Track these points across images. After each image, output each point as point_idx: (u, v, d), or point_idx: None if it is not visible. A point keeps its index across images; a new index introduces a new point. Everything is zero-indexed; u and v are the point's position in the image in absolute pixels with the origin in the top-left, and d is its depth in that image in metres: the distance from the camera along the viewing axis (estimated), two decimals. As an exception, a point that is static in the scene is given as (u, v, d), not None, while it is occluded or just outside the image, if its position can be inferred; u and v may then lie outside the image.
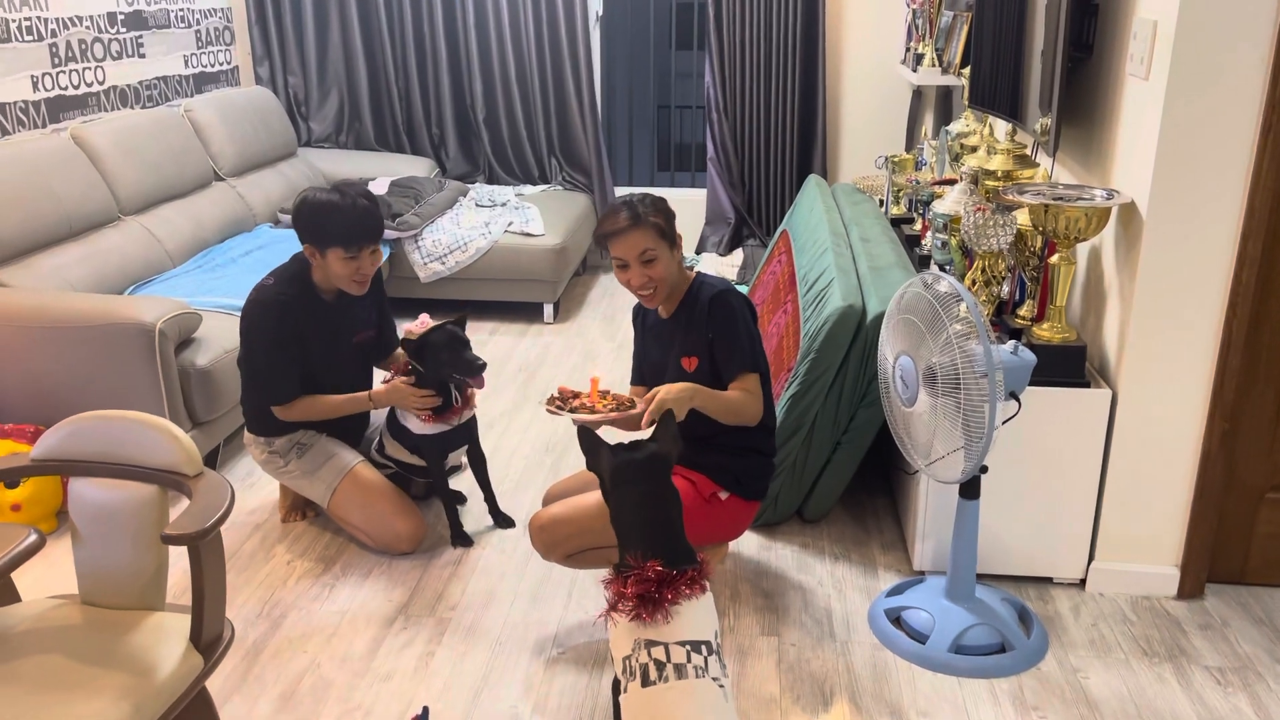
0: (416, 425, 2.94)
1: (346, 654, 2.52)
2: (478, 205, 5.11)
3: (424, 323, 2.89)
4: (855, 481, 3.26)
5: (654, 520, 1.95)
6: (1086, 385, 2.65)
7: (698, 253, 5.55)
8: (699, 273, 2.60)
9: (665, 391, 2.32)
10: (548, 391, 2.55)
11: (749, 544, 3.00)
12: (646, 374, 2.68)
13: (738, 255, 5.36)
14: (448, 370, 2.86)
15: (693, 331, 2.52)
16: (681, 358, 2.53)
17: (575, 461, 3.46)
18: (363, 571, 2.87)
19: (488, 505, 3.10)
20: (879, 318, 2.80)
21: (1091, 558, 2.77)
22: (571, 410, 2.44)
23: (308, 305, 2.87)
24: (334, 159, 5.55)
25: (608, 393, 2.53)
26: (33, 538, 1.59)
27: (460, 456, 3.09)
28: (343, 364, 2.96)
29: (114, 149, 4.05)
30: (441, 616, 2.67)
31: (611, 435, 2.32)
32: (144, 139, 4.23)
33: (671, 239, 2.48)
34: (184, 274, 4.00)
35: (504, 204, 5.12)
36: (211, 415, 3.30)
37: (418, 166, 5.49)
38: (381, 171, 5.30)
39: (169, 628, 1.85)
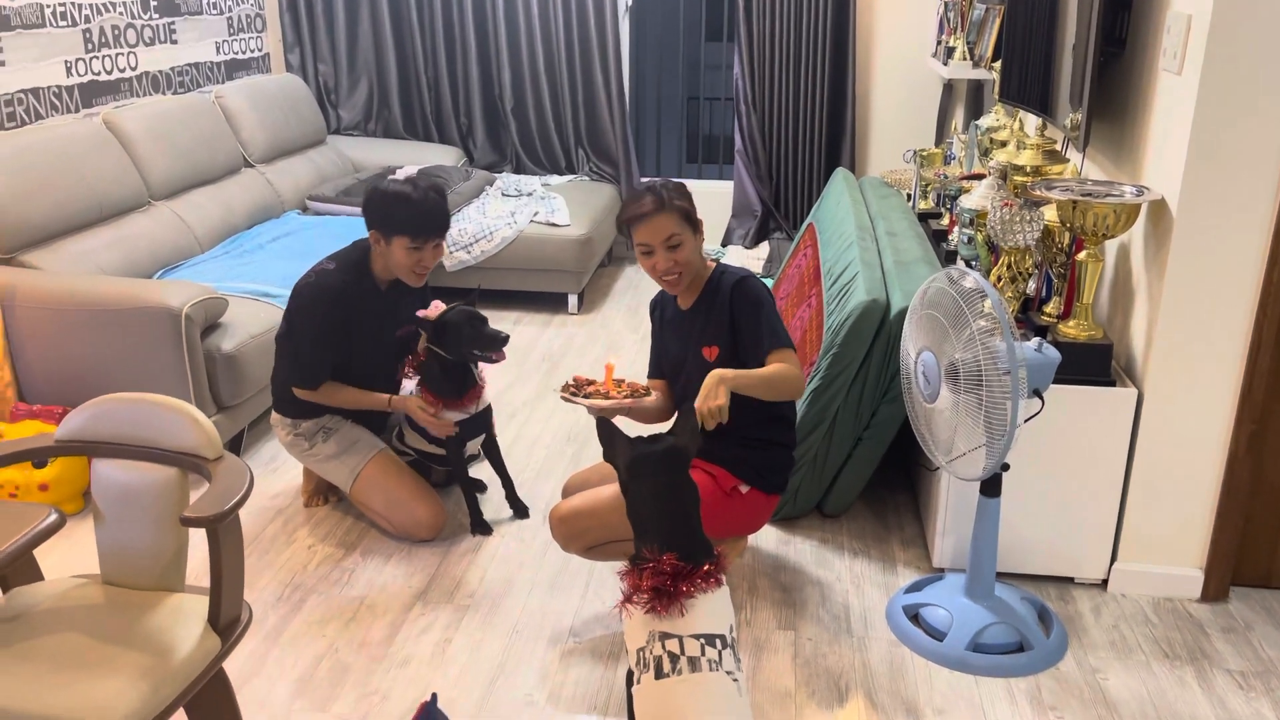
0: (446, 415, 2.94)
1: (365, 639, 2.54)
2: (504, 195, 5.12)
3: (437, 307, 2.89)
4: (876, 477, 3.24)
5: (670, 513, 1.95)
6: (1112, 384, 2.62)
7: (724, 245, 5.53)
8: (719, 262, 2.59)
9: (706, 399, 2.25)
10: (567, 381, 2.54)
11: (768, 538, 3.00)
12: (665, 368, 2.68)
13: (764, 248, 5.34)
14: (469, 347, 2.87)
15: (714, 319, 2.51)
16: (703, 347, 2.52)
17: (596, 452, 3.46)
18: (383, 557, 2.89)
19: (505, 493, 3.11)
20: (903, 312, 2.78)
21: (1114, 558, 2.74)
22: (585, 397, 2.44)
23: (363, 293, 2.90)
24: (363, 147, 5.57)
25: (623, 380, 2.53)
26: (53, 518, 1.60)
27: (477, 445, 3.10)
28: (381, 355, 2.98)
29: (145, 134, 4.09)
30: (459, 604, 2.68)
31: (632, 429, 2.31)
32: (175, 125, 4.27)
33: (695, 225, 2.47)
34: (212, 259, 4.03)
35: (530, 194, 5.13)
36: (236, 400, 3.33)
37: (445, 155, 5.51)
38: (409, 160, 5.32)
39: (188, 609, 1.87)
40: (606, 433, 2.07)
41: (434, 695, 1.79)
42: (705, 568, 1.86)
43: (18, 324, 3.22)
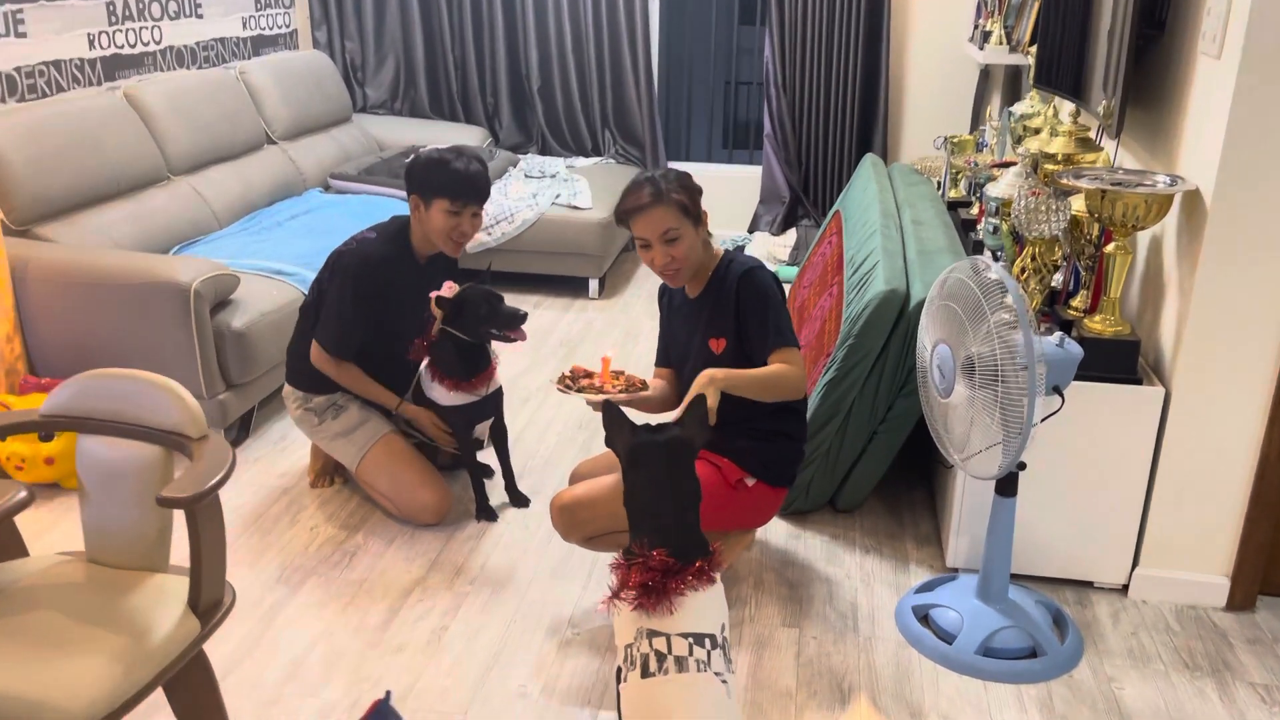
0: (442, 396, 2.90)
1: (360, 624, 2.50)
2: (526, 176, 5.06)
3: (450, 288, 2.84)
4: (892, 472, 3.15)
5: (666, 507, 1.88)
6: (1139, 382, 2.51)
7: (750, 231, 5.44)
8: (726, 250, 2.51)
9: (699, 385, 2.22)
10: (564, 372, 2.47)
11: (777, 531, 2.92)
12: (673, 356, 2.61)
13: (791, 235, 5.24)
14: (486, 326, 2.82)
15: (720, 311, 2.44)
16: (709, 339, 2.45)
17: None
18: (385, 540, 2.85)
19: (505, 481, 3.06)
20: (923, 303, 2.68)
21: (1136, 563, 2.64)
22: (579, 390, 2.38)
23: (401, 264, 2.88)
24: (388, 125, 5.53)
25: (621, 373, 2.46)
26: (22, 494, 1.57)
27: (485, 430, 3.04)
28: (410, 328, 2.93)
29: (166, 109, 4.07)
30: (459, 590, 2.63)
31: (639, 419, 2.25)
32: (197, 100, 4.25)
33: (696, 216, 2.39)
34: (229, 236, 4.01)
35: (553, 175, 5.06)
36: (246, 378, 3.30)
37: (471, 135, 5.45)
38: (434, 139, 5.27)
39: (169, 590, 1.83)
40: (612, 418, 2.00)
41: (388, 693, 1.73)
42: (697, 565, 1.80)
43: (30, 297, 3.21)
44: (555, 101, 5.54)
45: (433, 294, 2.84)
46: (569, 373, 2.44)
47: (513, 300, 4.75)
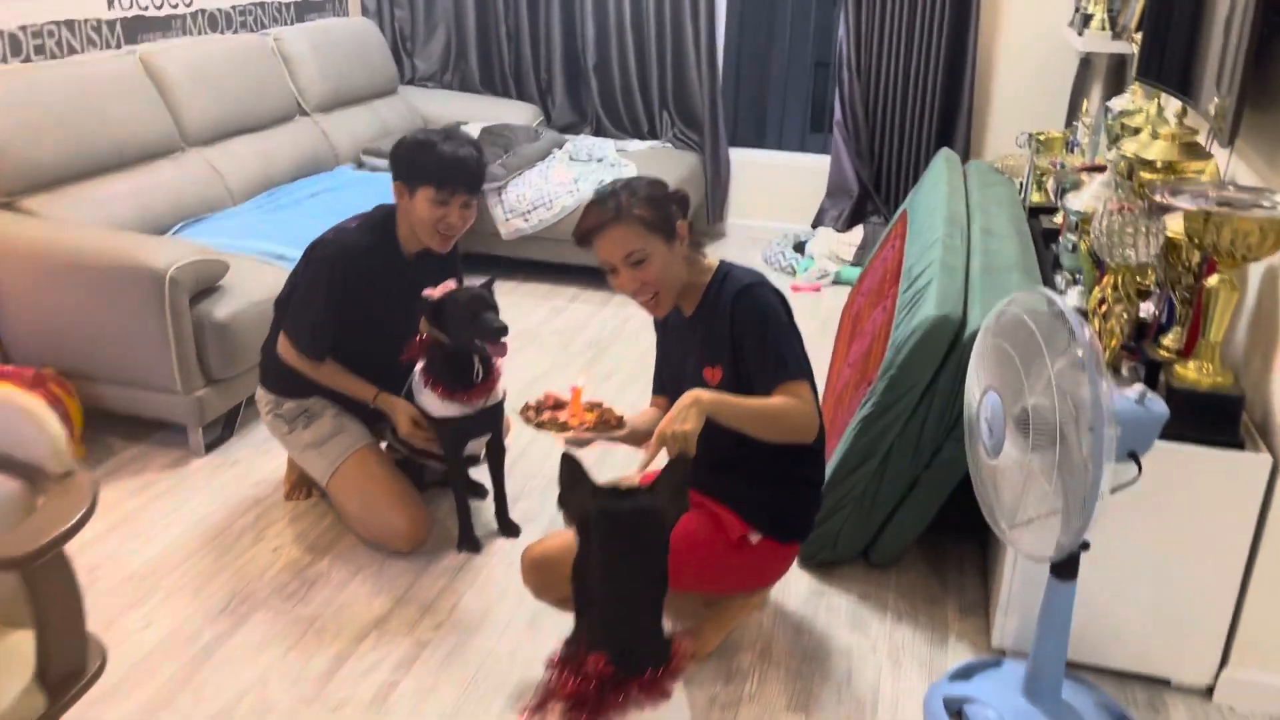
0: (434, 406, 2.57)
1: (301, 673, 2.19)
2: (571, 159, 4.70)
3: (446, 287, 2.51)
4: (938, 522, 2.72)
5: (619, 594, 1.51)
6: (1241, 447, 2.05)
7: (814, 226, 5.00)
8: (723, 261, 2.11)
9: (671, 422, 1.81)
10: (528, 401, 2.11)
11: (798, 584, 2.53)
12: (667, 382, 2.23)
13: (857, 233, 4.79)
14: (468, 335, 2.49)
15: (714, 336, 2.05)
16: (704, 367, 2.07)
17: (623, 461, 3.01)
18: (351, 569, 2.55)
19: (495, 506, 2.72)
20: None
21: (1224, 662, 2.19)
22: (539, 425, 2.02)
23: (384, 257, 2.57)
24: (436, 99, 5.23)
25: (597, 405, 2.08)
26: None
27: (481, 446, 2.71)
28: (397, 330, 2.62)
29: (185, 76, 3.81)
30: (420, 637, 2.31)
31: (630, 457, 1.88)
32: (221, 67, 3.98)
33: (668, 231, 1.99)
34: (240, 214, 3.74)
35: (600, 159, 4.69)
36: (229, 373, 3.03)
37: (522, 113, 5.11)
38: (484, 116, 4.95)
39: (21, 654, 1.53)
40: (569, 471, 1.64)
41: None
42: (646, 675, 1.43)
43: (3, 275, 2.97)
44: (612, 79, 5.16)
45: (425, 291, 2.51)
46: (534, 402, 2.08)
47: (545, 294, 4.42)
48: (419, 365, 2.62)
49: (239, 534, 2.67)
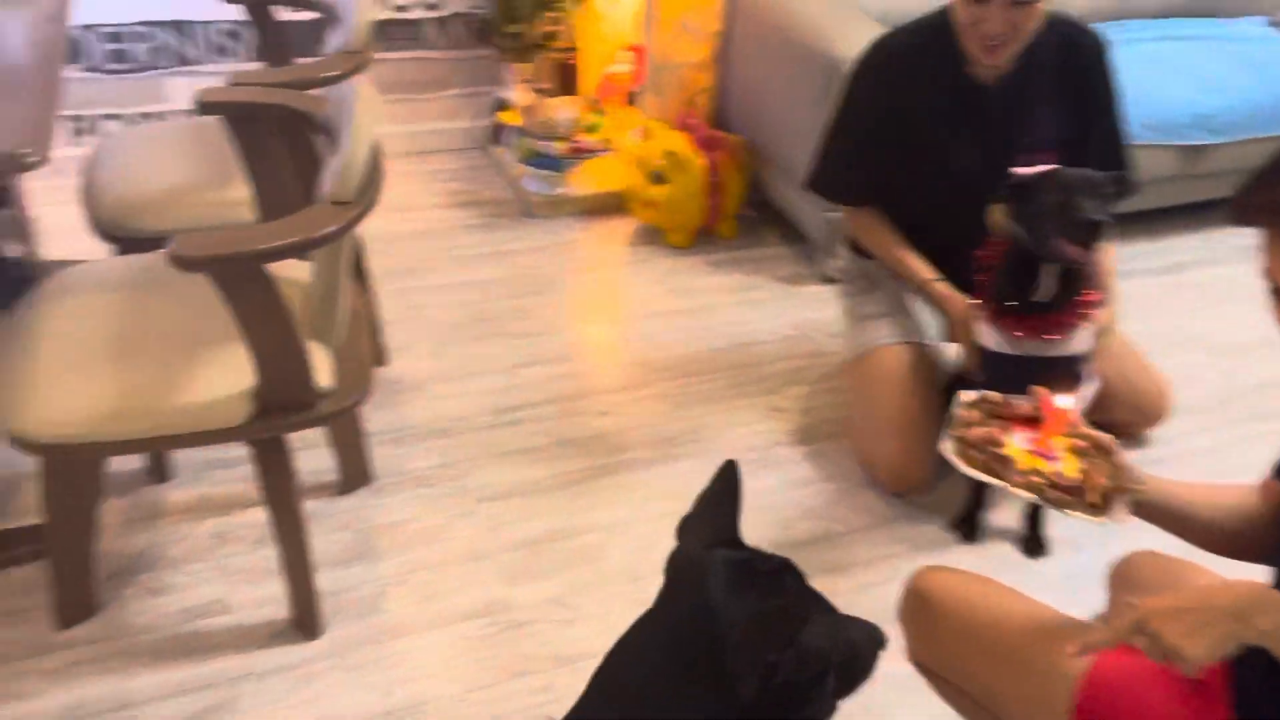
0: (985, 333, 1.84)
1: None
2: None
3: (1045, 168, 1.71)
4: None
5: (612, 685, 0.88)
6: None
7: None
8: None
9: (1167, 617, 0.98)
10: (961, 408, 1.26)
11: None
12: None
13: None
14: (1053, 231, 1.67)
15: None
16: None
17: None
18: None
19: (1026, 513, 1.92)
20: None
21: None
22: (980, 464, 1.23)
23: (940, 72, 1.89)
24: None
25: (1086, 434, 1.20)
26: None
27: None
28: (974, 188, 1.82)
29: None
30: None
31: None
32: None
33: None
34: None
35: None
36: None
37: None
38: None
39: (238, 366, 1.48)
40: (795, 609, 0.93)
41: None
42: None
43: (736, 32, 2.87)
44: None
45: (1016, 169, 1.73)
46: (977, 408, 1.30)
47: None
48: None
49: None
